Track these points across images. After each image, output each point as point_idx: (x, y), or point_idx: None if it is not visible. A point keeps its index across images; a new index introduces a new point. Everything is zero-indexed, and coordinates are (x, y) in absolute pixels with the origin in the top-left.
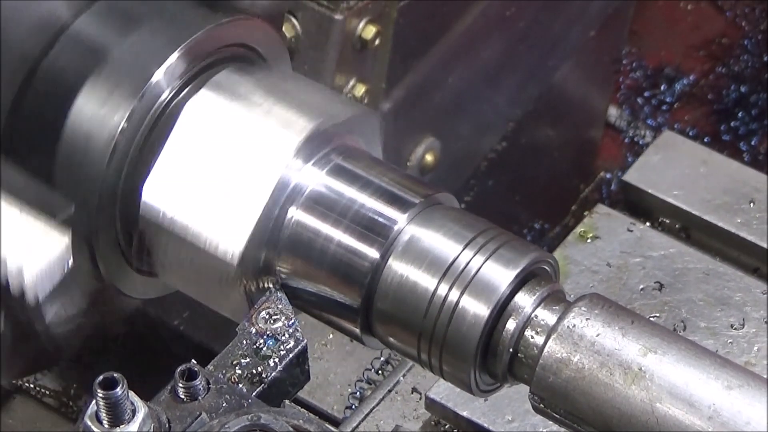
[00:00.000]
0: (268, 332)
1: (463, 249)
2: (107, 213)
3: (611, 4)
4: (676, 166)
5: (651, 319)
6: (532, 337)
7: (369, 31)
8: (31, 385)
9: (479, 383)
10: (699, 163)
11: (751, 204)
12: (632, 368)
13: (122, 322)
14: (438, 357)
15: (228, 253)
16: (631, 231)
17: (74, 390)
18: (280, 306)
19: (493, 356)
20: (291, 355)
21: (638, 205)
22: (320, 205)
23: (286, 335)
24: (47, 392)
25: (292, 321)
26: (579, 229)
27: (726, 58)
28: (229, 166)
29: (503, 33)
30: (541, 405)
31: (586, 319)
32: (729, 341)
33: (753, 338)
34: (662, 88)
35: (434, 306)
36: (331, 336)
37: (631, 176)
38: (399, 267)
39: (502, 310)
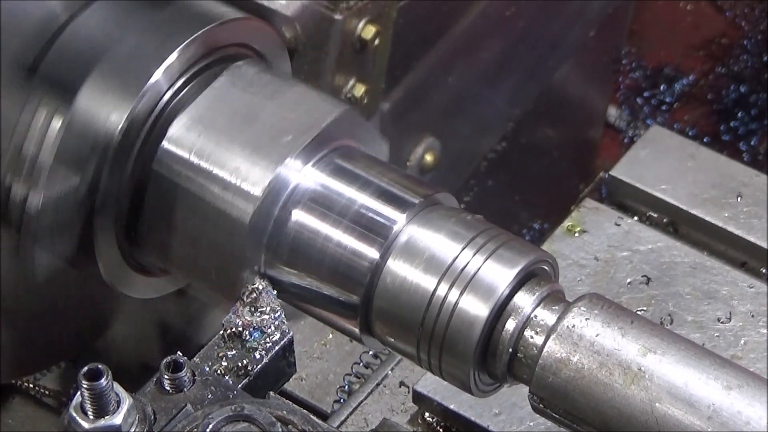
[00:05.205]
0: (254, 325)
1: (463, 249)
2: (107, 213)
3: (611, 4)
4: (663, 161)
5: (638, 312)
6: (532, 337)
7: (368, 31)
8: (31, 385)
9: (478, 383)
10: (686, 158)
11: (739, 198)
12: (632, 368)
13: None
14: (437, 357)
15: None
16: (619, 225)
17: (74, 390)
18: (266, 299)
19: (492, 356)
20: (277, 348)
21: (626, 199)
22: (320, 205)
23: (272, 327)
24: (47, 392)
25: (278, 313)
26: (566, 223)
27: (726, 58)
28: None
29: (503, 33)
30: (541, 405)
31: (586, 319)
32: (716, 335)
33: (740, 332)
34: (662, 88)
35: (434, 306)
36: (330, 336)
37: (619, 171)
38: (398, 267)
39: (501, 310)
